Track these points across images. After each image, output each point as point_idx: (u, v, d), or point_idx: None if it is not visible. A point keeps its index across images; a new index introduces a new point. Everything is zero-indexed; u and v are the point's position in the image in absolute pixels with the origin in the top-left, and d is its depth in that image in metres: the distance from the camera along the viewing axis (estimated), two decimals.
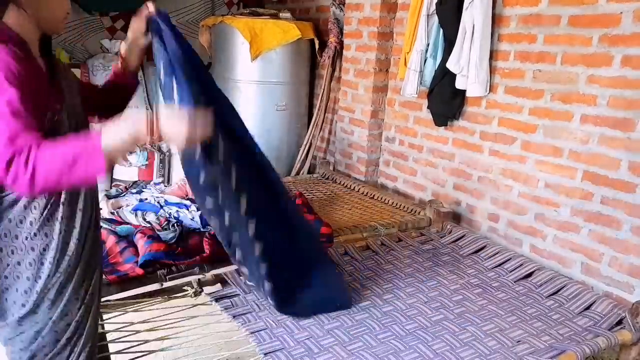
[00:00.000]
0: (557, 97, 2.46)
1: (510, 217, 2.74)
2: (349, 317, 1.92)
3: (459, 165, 3.03)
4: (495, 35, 2.71)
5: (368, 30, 3.41)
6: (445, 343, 1.80)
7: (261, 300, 1.98)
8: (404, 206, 3.09)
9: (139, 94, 4.37)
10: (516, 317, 2.00)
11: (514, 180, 2.70)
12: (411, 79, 3.00)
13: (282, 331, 1.80)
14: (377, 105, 3.51)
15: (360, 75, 3.54)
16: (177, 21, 4.80)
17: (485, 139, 2.84)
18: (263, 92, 3.93)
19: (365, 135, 3.57)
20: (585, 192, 2.38)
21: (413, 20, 2.97)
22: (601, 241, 2.34)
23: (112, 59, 4.24)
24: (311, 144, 4.11)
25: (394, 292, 2.13)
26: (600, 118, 2.30)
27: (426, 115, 3.18)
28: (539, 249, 2.61)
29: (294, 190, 3.29)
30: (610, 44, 2.23)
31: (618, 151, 2.24)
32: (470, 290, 2.19)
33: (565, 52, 2.40)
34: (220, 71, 4.05)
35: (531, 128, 2.59)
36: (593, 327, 1.95)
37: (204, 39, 4.23)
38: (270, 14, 4.09)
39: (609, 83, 2.25)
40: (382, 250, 2.48)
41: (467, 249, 2.57)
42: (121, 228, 2.33)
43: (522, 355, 1.75)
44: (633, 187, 2.20)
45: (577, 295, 2.13)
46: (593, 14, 2.28)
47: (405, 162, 3.44)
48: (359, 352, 1.72)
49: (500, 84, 2.72)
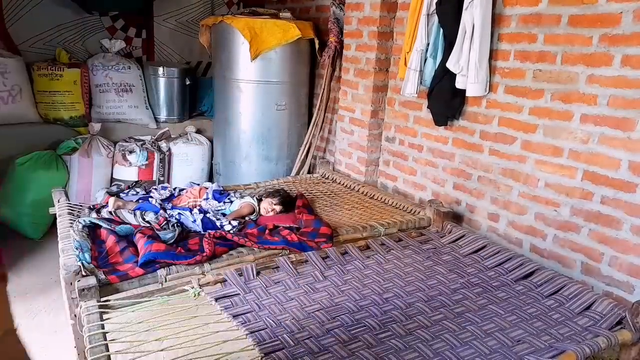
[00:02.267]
0: (557, 97, 2.46)
1: (510, 217, 2.74)
2: (349, 316, 1.92)
3: (459, 165, 3.03)
4: (495, 35, 2.71)
5: (368, 30, 3.41)
6: (445, 342, 1.80)
7: (261, 300, 1.99)
8: (404, 206, 3.09)
9: (139, 93, 4.39)
10: (516, 317, 2.00)
11: (514, 180, 2.70)
12: (411, 79, 3.00)
13: (282, 331, 1.80)
14: (377, 105, 3.51)
15: (360, 75, 3.54)
16: (177, 21, 4.81)
17: (485, 139, 2.84)
18: (263, 91, 3.93)
19: (365, 135, 3.57)
20: (585, 192, 2.38)
21: (413, 20, 2.97)
22: (601, 241, 2.34)
23: (112, 58, 4.25)
24: (311, 144, 4.11)
25: (394, 291, 2.13)
26: (600, 118, 2.30)
27: (426, 115, 3.18)
28: (539, 248, 2.61)
29: (294, 190, 3.30)
30: (610, 44, 2.23)
31: (618, 151, 2.24)
32: (470, 289, 2.19)
33: (565, 52, 2.40)
34: (220, 71, 4.06)
35: (531, 128, 2.59)
36: (593, 327, 1.95)
37: (204, 39, 4.23)
38: (270, 13, 4.09)
39: (609, 83, 2.25)
40: (382, 250, 2.48)
41: (467, 248, 2.57)
42: (120, 228, 2.34)
43: (522, 354, 1.75)
44: (633, 187, 2.20)
45: (577, 295, 2.13)
46: (593, 13, 2.28)
47: (405, 162, 3.44)
48: (359, 352, 1.71)
49: (501, 84, 2.72)
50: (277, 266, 2.23)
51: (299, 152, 4.13)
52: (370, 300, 2.05)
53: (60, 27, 4.22)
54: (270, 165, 4.12)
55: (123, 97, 4.24)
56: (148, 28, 4.70)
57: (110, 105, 4.21)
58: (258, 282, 2.10)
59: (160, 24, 4.75)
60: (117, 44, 4.33)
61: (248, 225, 2.68)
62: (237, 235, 2.40)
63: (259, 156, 4.08)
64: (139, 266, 2.08)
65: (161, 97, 4.45)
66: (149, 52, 4.77)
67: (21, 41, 4.08)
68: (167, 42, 4.82)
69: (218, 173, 4.34)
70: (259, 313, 1.90)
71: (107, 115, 4.20)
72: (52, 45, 4.17)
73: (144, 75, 4.40)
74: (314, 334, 1.80)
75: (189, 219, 2.53)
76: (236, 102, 3.98)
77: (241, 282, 2.07)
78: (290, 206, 2.91)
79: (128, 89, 4.27)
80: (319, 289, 2.11)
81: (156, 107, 4.47)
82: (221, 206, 2.86)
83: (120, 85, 4.23)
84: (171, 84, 4.45)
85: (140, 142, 4.14)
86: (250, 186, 3.42)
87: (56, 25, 4.20)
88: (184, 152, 4.27)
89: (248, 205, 2.83)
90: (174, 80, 4.46)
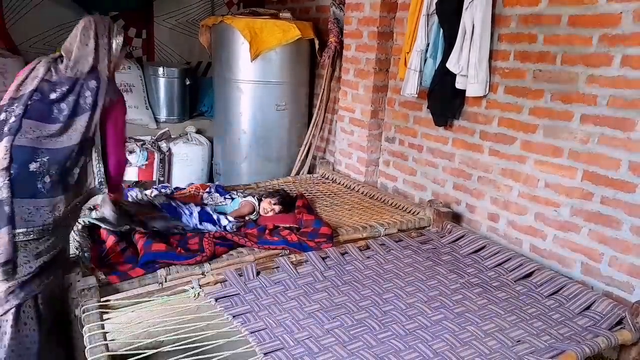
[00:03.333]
0: (557, 97, 2.46)
1: (510, 217, 2.74)
2: (349, 316, 1.92)
3: (459, 165, 3.03)
4: (495, 35, 2.71)
5: (368, 30, 3.41)
6: (445, 342, 1.80)
7: (261, 300, 1.99)
8: (403, 206, 3.09)
9: (139, 93, 4.39)
10: (516, 317, 2.00)
11: (514, 180, 2.70)
12: (411, 79, 3.00)
13: (282, 331, 1.80)
14: (377, 105, 3.51)
15: (360, 75, 3.54)
16: (177, 21, 4.81)
17: (485, 139, 2.84)
18: (263, 92, 3.93)
19: (365, 135, 3.57)
20: (585, 192, 2.38)
21: (413, 20, 2.97)
22: (601, 241, 2.34)
23: None
24: (311, 144, 4.11)
25: (394, 292, 2.13)
26: (600, 118, 2.30)
27: (426, 115, 3.18)
28: (539, 248, 2.61)
29: (294, 190, 3.30)
30: (610, 44, 2.23)
31: (618, 151, 2.24)
32: (470, 289, 2.19)
33: (565, 52, 2.40)
34: (220, 71, 4.05)
35: (531, 128, 2.59)
36: (593, 327, 1.95)
37: (204, 39, 4.23)
38: (270, 13, 4.09)
39: (609, 83, 2.25)
40: (382, 250, 2.48)
41: (467, 248, 2.57)
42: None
43: (522, 354, 1.75)
44: (633, 187, 2.20)
45: (577, 295, 2.13)
46: (593, 14, 2.28)
47: (405, 162, 3.44)
48: (359, 352, 1.72)
49: (500, 84, 2.72)
50: (277, 266, 2.23)
51: (299, 152, 4.13)
52: (370, 300, 2.05)
53: (61, 27, 4.22)
54: (270, 165, 4.12)
55: None
56: (148, 28, 4.70)
57: None
58: (258, 282, 2.10)
59: (160, 24, 4.75)
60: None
61: (248, 225, 2.68)
62: (237, 235, 2.41)
63: (259, 156, 4.08)
64: (139, 266, 2.08)
65: (161, 97, 4.45)
66: (149, 52, 4.77)
67: (21, 41, 4.08)
68: (167, 42, 4.82)
69: (218, 173, 4.34)
70: (259, 313, 1.90)
71: None
72: (53, 45, 4.17)
73: (144, 76, 4.41)
74: (314, 334, 1.80)
75: (186, 212, 2.53)
76: (236, 102, 3.98)
77: (241, 282, 2.07)
78: (290, 206, 2.91)
79: (128, 89, 4.27)
80: (319, 289, 2.11)
81: (156, 107, 4.47)
82: (222, 201, 2.87)
83: (120, 85, 4.22)
84: (171, 84, 4.45)
85: (141, 142, 4.14)
86: (250, 186, 3.42)
87: (56, 25, 4.20)
88: (184, 152, 4.27)
89: (249, 204, 2.84)
90: (174, 81, 4.46)
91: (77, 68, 1.86)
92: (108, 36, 1.94)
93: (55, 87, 1.82)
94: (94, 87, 1.86)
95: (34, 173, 1.73)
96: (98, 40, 1.91)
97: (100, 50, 1.90)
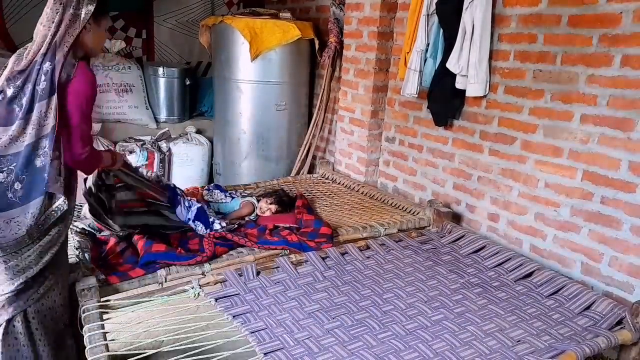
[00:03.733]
0: (557, 97, 2.46)
1: (510, 217, 2.74)
2: (349, 316, 1.92)
3: (459, 165, 3.03)
4: (495, 35, 2.71)
5: (368, 30, 3.41)
6: (445, 342, 1.80)
7: (261, 300, 1.99)
8: (403, 206, 3.09)
9: (139, 93, 4.39)
10: (516, 317, 2.00)
11: (514, 180, 2.70)
12: (411, 79, 3.00)
13: (282, 331, 1.80)
14: (377, 105, 3.51)
15: (360, 75, 3.54)
16: (177, 21, 4.81)
17: (485, 139, 2.84)
18: (263, 92, 3.93)
19: (365, 135, 3.57)
20: (585, 192, 2.38)
21: (413, 20, 2.97)
22: (601, 241, 2.34)
23: (112, 58, 4.25)
24: (311, 144, 4.11)
25: (394, 292, 2.13)
26: (600, 118, 2.30)
27: (426, 115, 3.18)
28: (539, 248, 2.61)
29: (294, 190, 3.30)
30: (610, 44, 2.23)
31: (618, 151, 2.24)
32: (470, 289, 2.19)
33: (565, 52, 2.40)
34: (220, 71, 4.05)
35: (531, 128, 2.59)
36: (593, 327, 1.95)
37: (204, 39, 4.23)
38: (270, 13, 4.09)
39: (609, 83, 2.25)
40: (382, 250, 2.48)
41: (466, 248, 2.57)
42: None
43: (522, 355, 1.75)
44: (633, 187, 2.20)
45: (577, 295, 2.13)
46: (593, 14, 2.28)
47: (405, 162, 3.44)
48: (359, 352, 1.72)
49: (500, 84, 2.72)
50: (277, 266, 2.23)
51: (299, 152, 4.13)
52: (370, 300, 2.05)
53: None
54: (270, 165, 4.12)
55: (123, 97, 4.24)
56: (148, 28, 4.70)
57: (110, 106, 4.21)
58: (258, 282, 2.10)
59: (160, 24, 4.75)
60: (117, 44, 4.33)
61: (248, 225, 2.68)
62: (237, 236, 2.41)
63: (259, 156, 4.08)
64: (139, 266, 2.08)
65: (161, 97, 4.45)
66: (149, 52, 4.77)
67: (21, 41, 4.07)
68: (167, 42, 4.82)
69: (218, 173, 4.34)
70: (259, 313, 1.90)
71: (107, 116, 4.20)
72: None
73: (144, 76, 4.40)
74: (314, 334, 1.80)
75: (185, 203, 2.52)
76: (236, 102, 3.98)
77: (241, 282, 2.07)
78: (289, 206, 2.91)
79: (128, 89, 4.27)
80: (319, 289, 2.11)
81: (156, 107, 4.47)
82: (223, 198, 2.87)
83: (120, 85, 4.23)
84: (171, 84, 4.45)
85: (140, 142, 4.14)
86: (250, 186, 3.42)
87: None
88: (184, 152, 4.27)
89: (248, 204, 2.84)
90: (174, 81, 4.45)
91: (35, 49, 1.64)
92: (76, 6, 1.66)
93: (10, 82, 1.65)
94: (48, 70, 1.62)
95: (1, 184, 1.59)
96: (65, 12, 1.64)
97: (63, 22, 1.64)
